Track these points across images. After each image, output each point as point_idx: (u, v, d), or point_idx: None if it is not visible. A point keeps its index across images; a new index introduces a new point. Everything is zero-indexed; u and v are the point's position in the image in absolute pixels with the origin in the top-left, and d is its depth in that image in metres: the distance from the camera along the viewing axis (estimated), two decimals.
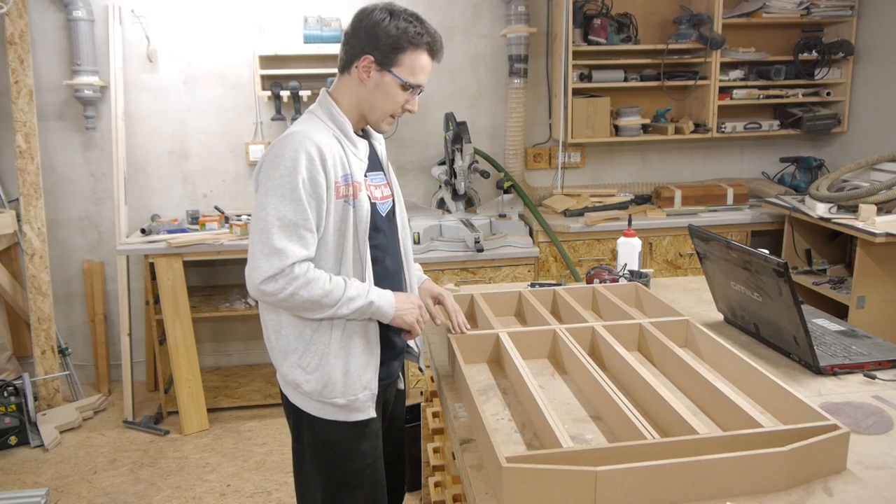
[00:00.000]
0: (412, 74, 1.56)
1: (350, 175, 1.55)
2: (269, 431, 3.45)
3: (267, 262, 1.47)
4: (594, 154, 4.21)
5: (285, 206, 1.47)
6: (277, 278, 1.47)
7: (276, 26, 3.79)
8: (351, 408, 1.60)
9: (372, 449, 1.68)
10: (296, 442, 1.72)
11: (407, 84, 1.56)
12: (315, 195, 1.50)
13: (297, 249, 1.48)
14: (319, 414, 1.61)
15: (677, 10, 3.92)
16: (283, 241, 1.47)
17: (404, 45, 1.53)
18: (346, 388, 1.58)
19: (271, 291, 1.48)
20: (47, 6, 3.64)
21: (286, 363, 1.60)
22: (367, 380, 1.61)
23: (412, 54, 1.55)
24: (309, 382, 1.58)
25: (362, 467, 1.66)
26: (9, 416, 3.27)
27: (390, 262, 1.69)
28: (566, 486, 1.09)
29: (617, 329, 1.75)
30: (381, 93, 1.57)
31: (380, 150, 1.74)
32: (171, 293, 3.40)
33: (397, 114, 1.61)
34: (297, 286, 1.47)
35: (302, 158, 1.48)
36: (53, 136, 3.78)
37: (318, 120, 1.59)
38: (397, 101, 1.58)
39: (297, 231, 1.48)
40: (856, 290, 3.16)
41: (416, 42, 1.54)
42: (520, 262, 3.56)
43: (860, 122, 3.98)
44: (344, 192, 1.54)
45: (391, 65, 1.55)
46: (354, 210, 1.55)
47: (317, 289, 1.49)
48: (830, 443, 1.19)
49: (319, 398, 1.59)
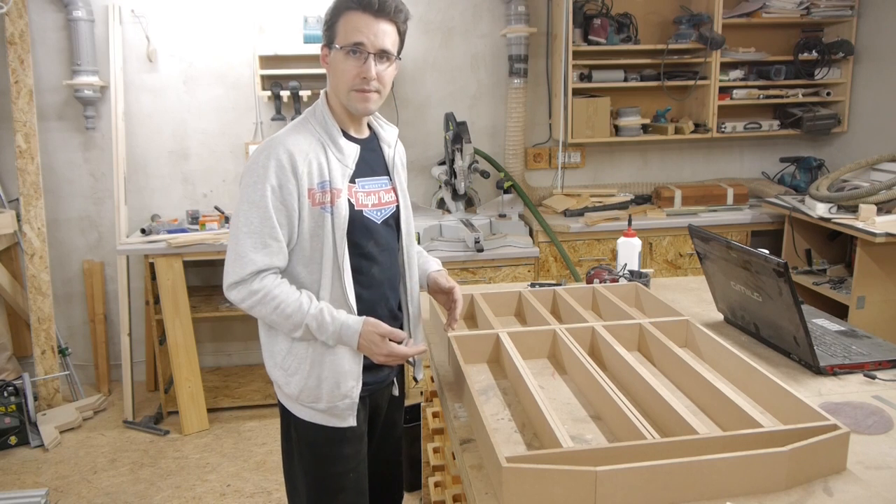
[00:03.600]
0: (346, 37, 1.52)
1: (328, 182, 1.52)
2: (269, 431, 3.45)
3: (232, 268, 1.51)
4: (594, 154, 4.21)
5: (253, 214, 1.49)
6: (239, 287, 1.51)
7: (276, 26, 3.79)
8: (331, 413, 1.59)
9: (355, 453, 1.66)
10: (284, 441, 1.72)
11: (346, 48, 1.52)
12: (284, 202, 1.49)
13: (259, 258, 1.49)
14: (301, 415, 1.62)
15: (677, 10, 3.92)
16: (245, 249, 1.49)
17: (335, 16, 1.54)
18: (325, 395, 1.57)
19: (235, 300, 1.54)
20: (47, 6, 3.64)
21: (271, 361, 1.63)
22: (347, 388, 1.58)
23: (343, 19, 1.52)
24: (289, 385, 1.59)
25: (344, 471, 1.65)
26: (9, 416, 3.27)
27: (378, 271, 1.64)
28: (566, 486, 1.09)
29: (617, 329, 1.75)
30: (334, 71, 1.55)
31: (388, 154, 1.69)
32: (171, 293, 3.40)
33: (357, 86, 1.53)
34: (255, 301, 1.51)
35: (271, 166, 1.49)
36: (53, 136, 3.78)
37: (307, 124, 1.58)
38: (349, 72, 1.53)
39: (261, 239, 1.49)
40: (856, 290, 3.16)
41: (342, 6, 1.53)
42: (520, 262, 3.55)
43: (860, 122, 3.98)
44: (320, 198, 1.52)
45: (332, 39, 1.54)
46: (332, 216, 1.52)
47: (274, 308, 1.50)
48: (830, 443, 1.19)
49: (299, 401, 1.60)
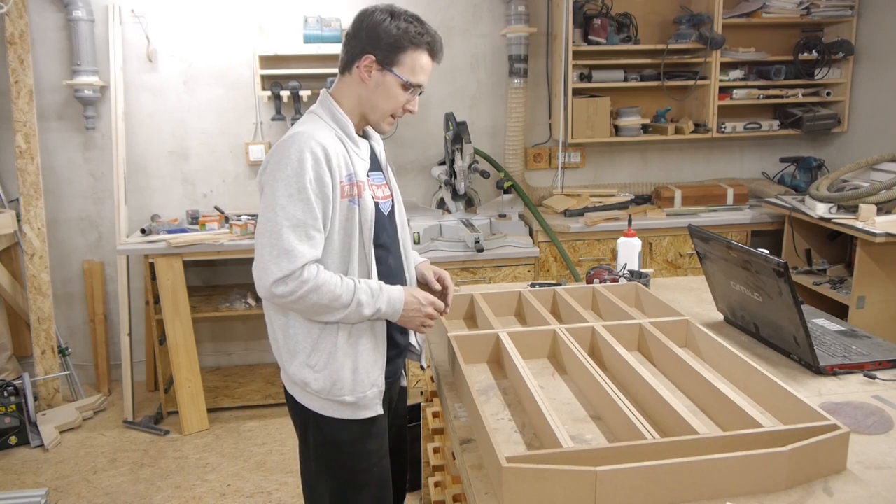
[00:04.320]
0: (413, 74, 1.57)
1: (354, 174, 1.56)
2: (269, 431, 3.45)
3: (276, 264, 1.47)
4: (594, 154, 4.21)
5: (294, 206, 1.47)
6: (287, 281, 1.47)
7: (276, 26, 3.79)
8: (359, 405, 1.61)
9: (378, 447, 1.68)
10: (302, 444, 1.72)
11: (408, 83, 1.58)
12: (322, 194, 1.50)
13: (307, 250, 1.48)
14: (327, 413, 1.62)
15: (677, 10, 3.92)
16: (292, 242, 1.47)
17: (405, 44, 1.55)
18: (355, 386, 1.59)
19: (282, 294, 1.48)
20: (47, 6, 3.64)
21: (294, 363, 1.60)
22: (374, 377, 1.62)
23: (413, 54, 1.56)
24: (317, 381, 1.58)
25: (369, 466, 1.66)
26: (9, 416, 3.27)
27: (393, 261, 1.70)
28: (566, 486, 1.09)
29: (617, 329, 1.75)
30: (382, 92, 1.58)
31: (378, 151, 1.75)
32: (171, 293, 3.40)
33: (398, 114, 1.63)
34: (308, 290, 1.47)
35: (308, 158, 1.48)
36: (53, 136, 3.78)
37: (321, 120, 1.60)
38: (398, 100, 1.60)
39: (306, 231, 1.48)
40: (856, 290, 3.16)
41: (416, 42, 1.55)
42: (520, 262, 3.55)
43: (860, 122, 3.98)
44: (349, 191, 1.54)
45: (392, 64, 1.56)
46: (360, 209, 1.55)
47: (326, 293, 1.49)
48: (830, 443, 1.19)
49: (328, 396, 1.60)
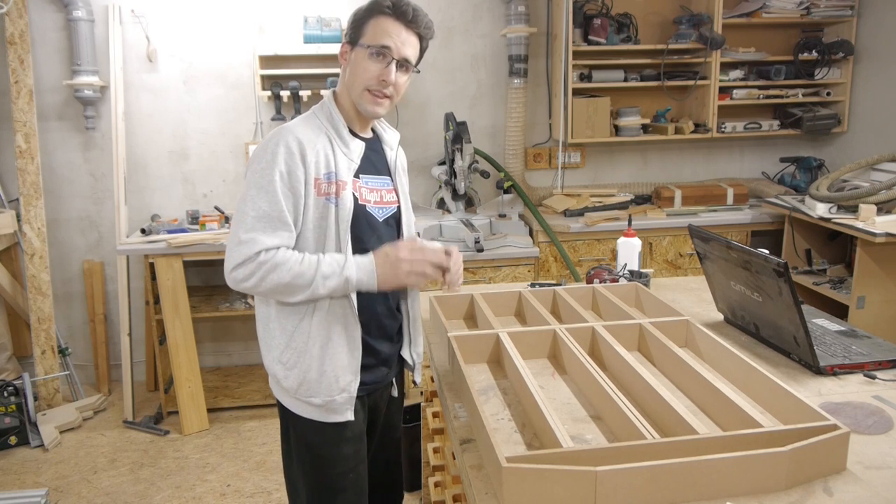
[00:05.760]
0: (374, 38, 1.55)
1: (334, 173, 1.55)
2: (269, 431, 3.45)
3: (237, 251, 1.50)
4: (594, 154, 4.21)
5: (261, 199, 1.50)
6: (245, 265, 1.49)
7: (276, 26, 3.80)
8: (328, 408, 1.60)
9: (354, 453, 1.66)
10: (283, 441, 1.73)
11: (372, 49, 1.55)
12: (292, 188, 1.51)
13: (266, 238, 1.49)
14: (299, 412, 1.62)
15: (677, 10, 3.92)
16: (253, 232, 1.49)
17: (366, 17, 1.57)
18: (322, 388, 1.58)
19: (241, 278, 1.50)
20: (47, 6, 3.64)
21: (269, 357, 1.62)
22: (345, 382, 1.59)
23: (374, 21, 1.56)
24: (287, 378, 1.59)
25: (344, 471, 1.65)
26: (9, 416, 3.27)
27: None
28: (566, 486, 1.09)
29: (617, 329, 1.74)
30: (354, 68, 1.59)
31: (390, 156, 1.74)
32: (171, 293, 3.40)
33: (373, 87, 1.57)
34: (266, 270, 1.49)
35: (281, 152, 1.50)
36: (53, 136, 3.78)
37: (314, 118, 1.62)
38: (370, 71, 1.56)
39: (270, 222, 1.50)
40: (856, 290, 3.16)
41: (376, 9, 1.56)
42: (520, 262, 3.55)
43: (860, 122, 3.98)
44: (326, 189, 1.54)
45: (358, 38, 1.57)
46: (337, 208, 1.55)
47: (285, 271, 1.49)
48: (830, 443, 1.19)
49: (296, 395, 1.60)
